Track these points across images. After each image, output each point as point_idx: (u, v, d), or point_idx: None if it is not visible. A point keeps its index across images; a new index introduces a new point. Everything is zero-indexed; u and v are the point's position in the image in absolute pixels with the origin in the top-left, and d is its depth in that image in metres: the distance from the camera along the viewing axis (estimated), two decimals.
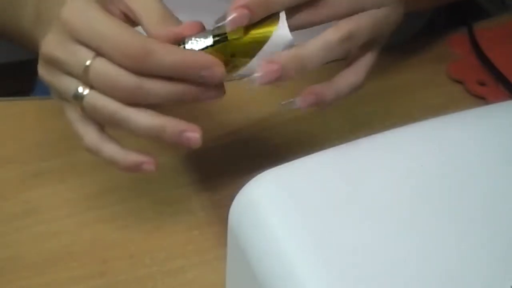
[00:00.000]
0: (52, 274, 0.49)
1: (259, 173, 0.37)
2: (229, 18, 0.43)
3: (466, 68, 0.65)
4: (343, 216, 0.35)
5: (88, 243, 0.51)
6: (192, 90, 0.44)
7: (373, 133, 0.39)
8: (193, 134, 0.44)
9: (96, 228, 0.52)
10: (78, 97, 0.44)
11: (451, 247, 0.34)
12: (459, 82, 0.64)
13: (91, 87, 0.44)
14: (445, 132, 0.39)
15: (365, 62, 0.49)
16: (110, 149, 0.46)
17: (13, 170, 0.55)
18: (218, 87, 0.45)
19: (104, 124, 0.46)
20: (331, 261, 0.33)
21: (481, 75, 0.65)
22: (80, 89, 0.44)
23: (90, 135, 0.46)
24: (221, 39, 0.44)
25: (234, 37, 0.44)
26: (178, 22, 0.46)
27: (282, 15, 0.44)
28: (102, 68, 0.43)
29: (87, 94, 0.44)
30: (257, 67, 0.44)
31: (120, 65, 0.43)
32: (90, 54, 0.43)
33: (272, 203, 0.36)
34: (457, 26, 0.70)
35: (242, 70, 0.45)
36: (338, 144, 0.38)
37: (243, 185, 0.37)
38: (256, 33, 0.44)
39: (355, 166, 0.37)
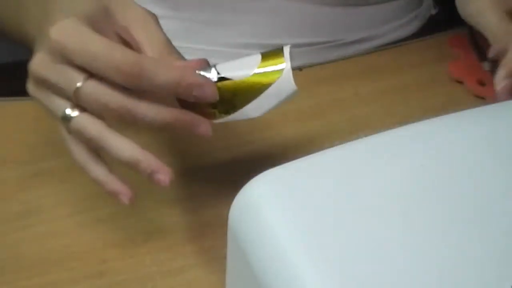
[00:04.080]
0: (52, 274, 0.49)
1: (259, 173, 0.37)
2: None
3: (466, 68, 0.65)
4: (343, 216, 0.35)
5: (88, 243, 0.51)
6: (181, 119, 0.44)
7: (373, 133, 0.39)
8: (162, 177, 0.45)
9: (96, 228, 0.52)
10: (66, 119, 0.45)
11: (451, 247, 0.34)
12: (459, 82, 0.64)
13: (81, 109, 0.44)
14: (445, 132, 0.39)
15: None
16: (96, 171, 0.46)
17: (13, 170, 0.55)
18: (207, 125, 0.45)
19: (88, 145, 0.46)
20: (331, 261, 0.33)
21: (481, 75, 0.65)
22: (68, 111, 0.44)
23: (78, 153, 0.46)
24: (225, 76, 0.44)
25: (238, 76, 0.44)
26: (179, 55, 0.46)
27: (287, 63, 0.44)
28: (93, 90, 0.43)
29: (74, 117, 0.44)
30: (252, 112, 0.45)
31: (114, 83, 0.43)
32: (81, 76, 0.43)
33: (272, 203, 0.36)
34: (457, 26, 0.70)
35: (239, 112, 0.45)
36: (338, 144, 0.38)
37: (243, 185, 0.37)
38: (261, 77, 0.44)
39: (355, 166, 0.37)
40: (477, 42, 0.67)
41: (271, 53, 0.45)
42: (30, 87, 0.47)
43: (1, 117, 0.60)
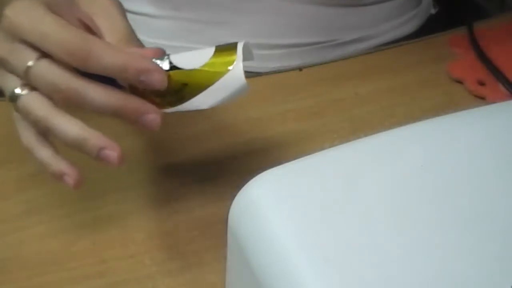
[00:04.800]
0: (52, 274, 0.49)
1: (259, 173, 0.37)
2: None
3: (466, 68, 0.65)
4: (343, 216, 0.35)
5: (88, 243, 0.51)
6: (130, 106, 0.44)
7: (373, 133, 0.39)
8: (111, 153, 0.44)
9: (96, 228, 0.52)
10: (14, 98, 0.45)
11: (451, 247, 0.34)
12: (459, 82, 0.64)
13: (30, 88, 0.44)
14: (445, 132, 0.39)
15: None
16: (43, 153, 0.46)
17: (13, 170, 0.55)
18: (156, 114, 0.44)
19: (35, 128, 0.46)
20: (331, 261, 0.33)
21: (481, 75, 0.65)
22: (18, 90, 0.45)
23: (26, 135, 0.46)
24: (177, 66, 0.44)
25: (189, 67, 0.44)
26: (141, 45, 0.47)
27: (239, 59, 0.44)
28: (43, 70, 0.43)
29: (21, 96, 0.44)
30: (200, 104, 0.44)
31: (65, 65, 0.43)
32: (33, 55, 0.43)
33: (272, 203, 0.36)
34: (457, 26, 0.70)
35: (188, 103, 0.45)
36: (338, 144, 0.38)
37: (243, 185, 0.37)
38: (212, 69, 0.44)
39: (355, 166, 0.37)
40: (477, 42, 0.67)
41: (226, 47, 0.45)
42: None
43: (1, 117, 0.60)
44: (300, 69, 0.65)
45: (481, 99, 0.63)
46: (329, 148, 0.38)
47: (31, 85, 0.44)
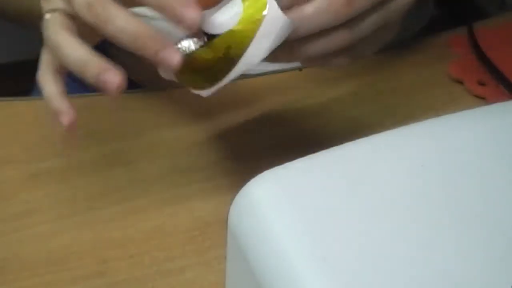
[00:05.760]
0: (52, 274, 0.49)
1: (259, 173, 0.37)
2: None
3: (466, 68, 0.65)
4: (343, 216, 0.35)
5: (88, 243, 0.51)
6: (150, 36, 0.42)
7: (373, 133, 0.39)
8: (110, 78, 0.42)
9: (96, 228, 0.52)
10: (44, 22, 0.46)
11: (451, 247, 0.34)
12: (459, 82, 0.64)
13: (64, 13, 0.45)
14: (445, 132, 0.39)
15: (368, 44, 0.47)
16: (50, 88, 0.46)
17: (13, 170, 0.55)
18: (175, 52, 0.42)
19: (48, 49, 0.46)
20: (331, 261, 0.33)
21: (481, 75, 0.64)
22: (47, 15, 0.45)
23: (44, 70, 0.47)
24: (213, 34, 0.43)
25: (225, 29, 0.43)
26: None
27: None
28: None
29: (47, 19, 0.45)
30: (253, 58, 0.43)
31: None
32: None
33: (272, 203, 0.36)
34: (457, 26, 0.70)
35: (240, 65, 0.43)
36: (338, 144, 0.38)
37: (243, 185, 0.37)
38: (247, 21, 0.43)
39: (355, 166, 0.37)
40: (477, 42, 0.67)
41: None
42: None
43: (1, 117, 0.60)
44: (300, 69, 0.65)
45: (481, 99, 0.63)
46: (329, 148, 0.38)
47: (59, 11, 0.45)
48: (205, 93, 0.45)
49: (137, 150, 0.57)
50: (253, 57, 0.43)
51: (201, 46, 0.44)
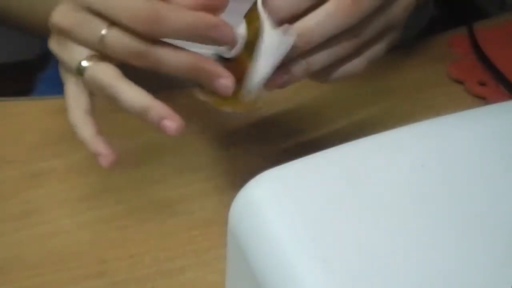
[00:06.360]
0: (52, 274, 0.49)
1: (259, 173, 0.37)
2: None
3: (466, 68, 0.65)
4: (343, 216, 0.35)
5: (88, 243, 0.51)
6: (204, 66, 0.44)
7: (373, 133, 0.39)
8: (170, 124, 0.45)
9: (96, 228, 0.52)
10: (81, 70, 0.45)
11: (451, 247, 0.34)
12: (459, 82, 0.64)
13: (98, 59, 0.45)
14: (446, 132, 0.39)
15: (376, 48, 0.47)
16: (85, 132, 0.47)
17: (13, 170, 0.55)
18: (229, 79, 0.44)
19: (101, 97, 0.47)
20: (331, 261, 0.33)
21: (481, 75, 0.64)
22: (84, 63, 0.45)
23: (74, 113, 0.48)
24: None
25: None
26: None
27: (262, 18, 0.43)
28: (118, 36, 0.43)
29: (88, 67, 0.45)
30: (264, 69, 0.44)
31: (133, 32, 0.43)
32: (104, 23, 0.44)
33: (272, 203, 0.36)
34: (457, 26, 0.70)
35: (253, 79, 0.44)
36: (338, 144, 0.38)
37: (243, 185, 0.37)
38: (249, 45, 0.44)
39: (355, 166, 0.37)
40: (477, 42, 0.67)
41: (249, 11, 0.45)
42: (51, 42, 0.48)
43: (1, 117, 0.60)
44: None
45: (481, 99, 0.63)
46: (329, 148, 0.38)
47: (97, 56, 0.45)
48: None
49: (137, 150, 0.57)
50: (257, 77, 0.44)
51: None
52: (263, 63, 0.44)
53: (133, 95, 0.45)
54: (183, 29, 0.43)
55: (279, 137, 0.59)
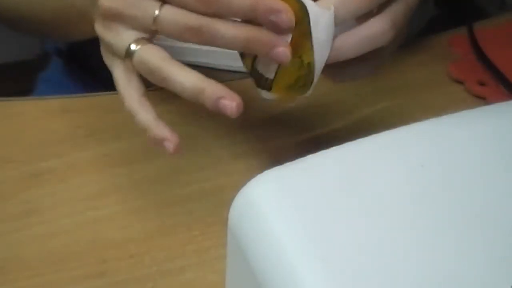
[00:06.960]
0: (52, 274, 0.49)
1: (259, 173, 0.37)
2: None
3: (466, 68, 0.65)
4: (343, 216, 0.35)
5: (88, 243, 0.51)
6: (261, 37, 0.43)
7: (373, 133, 0.39)
8: (229, 103, 0.44)
9: (96, 228, 0.52)
10: (130, 53, 0.45)
11: (451, 247, 0.34)
12: (459, 82, 0.64)
13: (146, 42, 0.45)
14: (446, 132, 0.39)
15: (391, 9, 0.47)
16: (145, 116, 0.46)
17: (13, 170, 0.55)
18: (286, 47, 0.44)
19: (151, 80, 0.46)
20: (331, 261, 0.33)
21: (481, 75, 0.64)
22: (133, 46, 0.45)
23: (130, 98, 0.46)
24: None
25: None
26: None
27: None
28: (172, 14, 0.43)
29: (138, 50, 0.45)
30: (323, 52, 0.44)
31: (189, 9, 0.43)
32: (157, 3, 0.44)
33: (272, 203, 0.36)
34: (457, 26, 0.70)
35: (316, 66, 0.45)
36: (338, 144, 0.38)
37: (243, 185, 0.37)
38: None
39: (355, 166, 0.37)
40: (477, 42, 0.67)
41: None
42: (98, 27, 0.47)
43: (1, 117, 0.60)
44: None
45: (481, 99, 0.63)
46: (329, 148, 0.38)
47: (145, 39, 0.45)
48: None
49: (137, 150, 0.57)
50: (322, 54, 0.45)
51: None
52: (323, 39, 0.44)
53: (185, 75, 0.44)
54: (241, 8, 0.42)
55: (279, 137, 0.59)
